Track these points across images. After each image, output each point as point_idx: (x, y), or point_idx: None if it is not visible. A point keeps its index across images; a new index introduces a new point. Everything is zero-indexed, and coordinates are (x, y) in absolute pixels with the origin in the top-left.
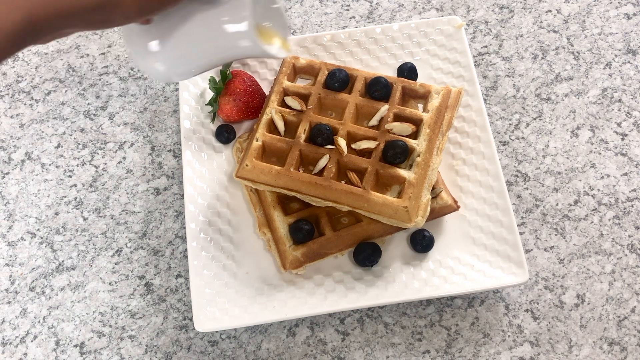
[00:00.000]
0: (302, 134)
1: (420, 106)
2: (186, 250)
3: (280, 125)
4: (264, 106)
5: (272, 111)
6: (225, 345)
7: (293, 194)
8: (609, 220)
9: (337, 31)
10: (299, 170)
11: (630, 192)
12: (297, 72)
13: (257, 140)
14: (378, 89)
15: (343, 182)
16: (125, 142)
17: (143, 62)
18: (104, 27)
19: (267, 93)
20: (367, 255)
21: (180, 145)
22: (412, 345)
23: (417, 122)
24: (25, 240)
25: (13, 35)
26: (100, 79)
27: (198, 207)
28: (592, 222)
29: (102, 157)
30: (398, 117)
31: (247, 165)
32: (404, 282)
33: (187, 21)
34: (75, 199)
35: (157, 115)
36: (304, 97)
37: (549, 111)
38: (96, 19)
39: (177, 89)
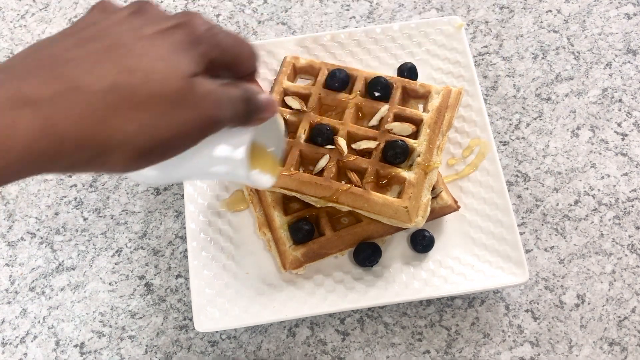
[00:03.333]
0: (302, 133)
1: (421, 106)
2: (186, 250)
3: None
4: None
5: None
6: (225, 345)
7: (293, 194)
8: (609, 220)
9: (337, 31)
10: (299, 170)
11: (630, 192)
12: (297, 72)
13: None
14: (378, 89)
15: (343, 182)
16: None
17: None
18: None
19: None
20: (367, 255)
21: None
22: (412, 346)
23: (417, 122)
24: (25, 240)
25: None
26: None
27: (198, 207)
28: (593, 222)
29: None
30: (398, 117)
31: None
32: (404, 282)
33: None
34: (75, 199)
35: None
36: (304, 97)
37: (549, 111)
38: (81, 170)
39: None
